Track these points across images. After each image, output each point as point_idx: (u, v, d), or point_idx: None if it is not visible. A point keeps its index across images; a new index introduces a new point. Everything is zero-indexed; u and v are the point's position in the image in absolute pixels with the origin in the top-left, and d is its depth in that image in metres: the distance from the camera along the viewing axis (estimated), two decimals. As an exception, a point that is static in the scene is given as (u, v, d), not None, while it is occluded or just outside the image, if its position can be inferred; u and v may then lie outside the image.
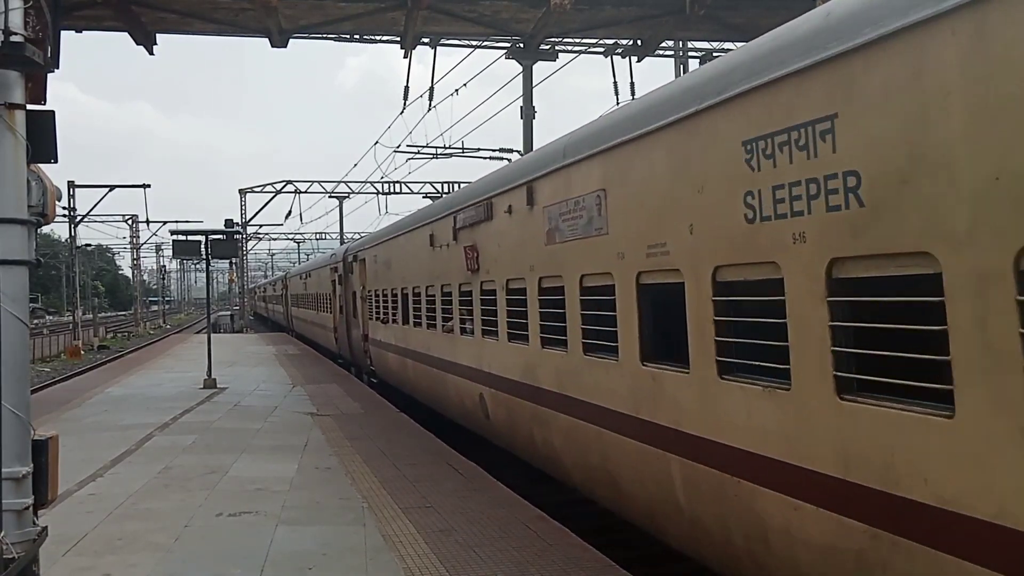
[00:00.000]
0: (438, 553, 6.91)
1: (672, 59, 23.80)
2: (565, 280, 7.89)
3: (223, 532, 7.71)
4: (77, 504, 8.73)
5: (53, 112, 4.73)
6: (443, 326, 12.91)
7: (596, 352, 7.27)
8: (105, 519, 8.15)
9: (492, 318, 10.38)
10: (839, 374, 4.34)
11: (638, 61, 19.58)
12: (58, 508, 8.03)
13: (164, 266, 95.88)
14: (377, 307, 18.86)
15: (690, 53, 23.08)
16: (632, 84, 20.48)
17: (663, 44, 20.01)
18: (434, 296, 13.45)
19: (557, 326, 8.11)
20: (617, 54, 20.11)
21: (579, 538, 7.31)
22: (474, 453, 11.39)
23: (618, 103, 20.02)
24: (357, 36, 18.13)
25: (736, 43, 17.11)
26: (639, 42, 17.81)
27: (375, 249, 19.46)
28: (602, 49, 20.54)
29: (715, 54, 18.91)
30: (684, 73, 22.95)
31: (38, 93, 4.72)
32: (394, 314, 16.92)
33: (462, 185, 34.76)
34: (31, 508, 4.51)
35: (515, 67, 22.49)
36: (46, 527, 4.68)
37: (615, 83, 20.70)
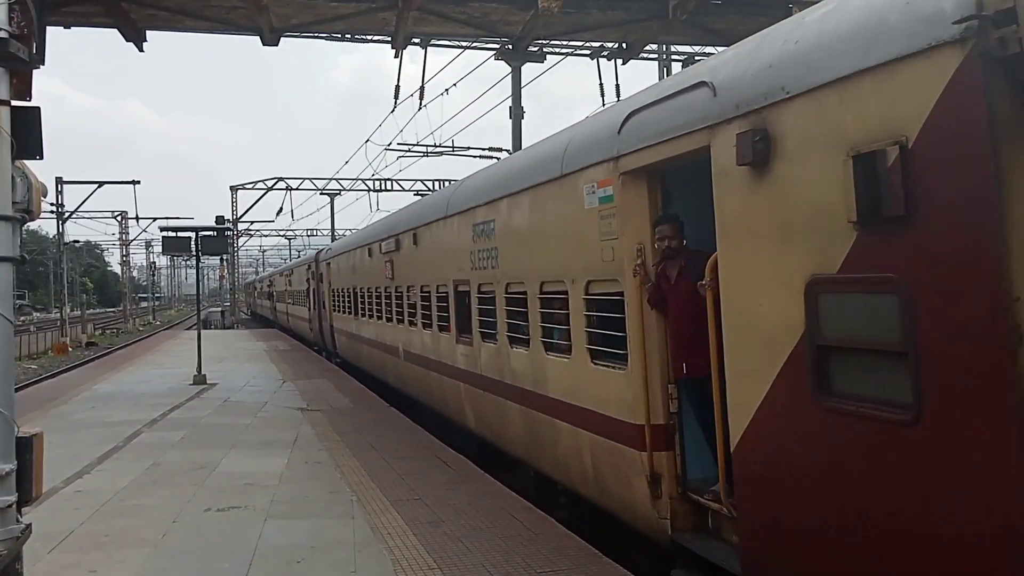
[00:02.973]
0: (426, 544, 6.97)
1: (656, 62, 23.97)
2: None
3: (211, 527, 7.72)
4: (63, 501, 8.72)
5: (39, 108, 4.74)
6: None
7: None
8: (92, 516, 8.15)
9: None
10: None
11: (623, 64, 19.90)
12: (44, 505, 8.04)
13: (154, 263, 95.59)
14: None
15: (673, 57, 23.30)
16: (617, 86, 20.74)
17: (647, 47, 20.26)
18: None
19: None
20: (603, 56, 20.32)
21: (564, 527, 7.39)
22: (463, 447, 11.43)
23: (604, 104, 20.22)
24: (348, 36, 18.14)
25: (716, 47, 17.39)
26: (624, 45, 18.11)
27: None
28: (588, 52, 20.72)
29: (697, 57, 19.19)
30: (667, 75, 23.24)
31: (23, 89, 4.72)
32: None
33: (450, 183, 33.93)
34: (15, 505, 4.53)
35: (505, 67, 22.55)
36: (30, 524, 4.70)
37: (601, 85, 20.91)
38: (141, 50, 16.53)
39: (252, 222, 66.43)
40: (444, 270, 11.62)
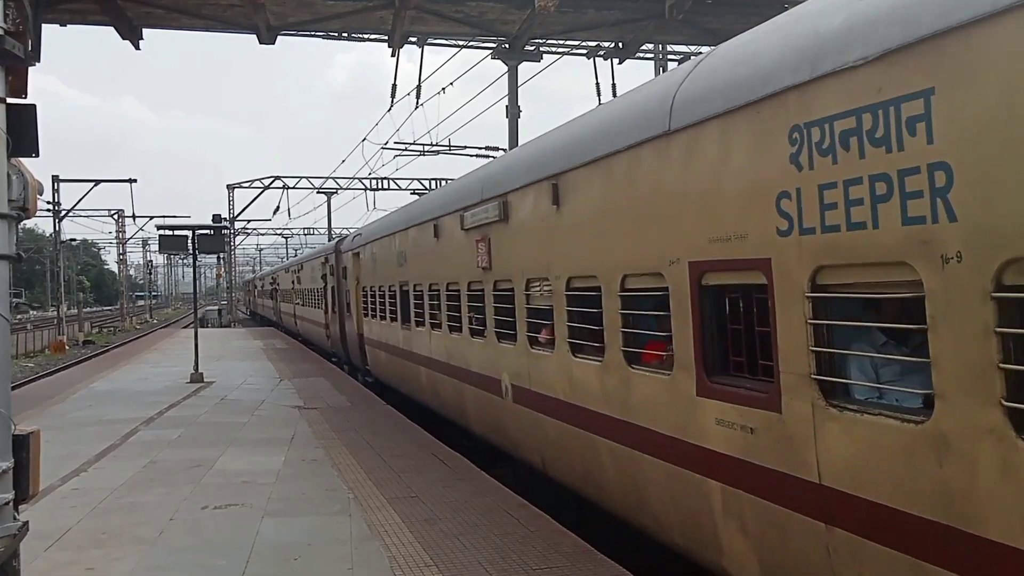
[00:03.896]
0: (422, 541, 6.98)
1: (652, 62, 24.03)
2: None
3: (208, 525, 7.73)
4: (60, 499, 8.73)
5: (34, 106, 4.74)
6: None
7: None
8: (89, 513, 8.15)
9: None
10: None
11: (619, 63, 19.98)
12: (41, 503, 8.05)
13: (151, 261, 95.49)
14: None
15: (669, 56, 23.38)
16: (613, 86, 20.83)
17: (643, 47, 20.35)
18: None
19: None
20: (599, 56, 20.41)
21: (559, 524, 7.42)
22: (458, 444, 11.46)
23: (600, 103, 20.28)
24: (345, 34, 18.17)
25: (712, 47, 17.55)
26: (620, 45, 18.21)
27: None
28: (585, 51, 20.80)
29: (693, 56, 19.35)
30: (663, 73, 23.33)
31: (19, 86, 4.72)
32: None
33: (447, 181, 33.69)
34: (12, 503, 4.54)
35: (501, 66, 22.57)
36: (27, 522, 4.70)
37: (597, 84, 21.01)
38: (138, 48, 16.54)
39: (249, 220, 66.50)
40: (651, 246, 5.89)
